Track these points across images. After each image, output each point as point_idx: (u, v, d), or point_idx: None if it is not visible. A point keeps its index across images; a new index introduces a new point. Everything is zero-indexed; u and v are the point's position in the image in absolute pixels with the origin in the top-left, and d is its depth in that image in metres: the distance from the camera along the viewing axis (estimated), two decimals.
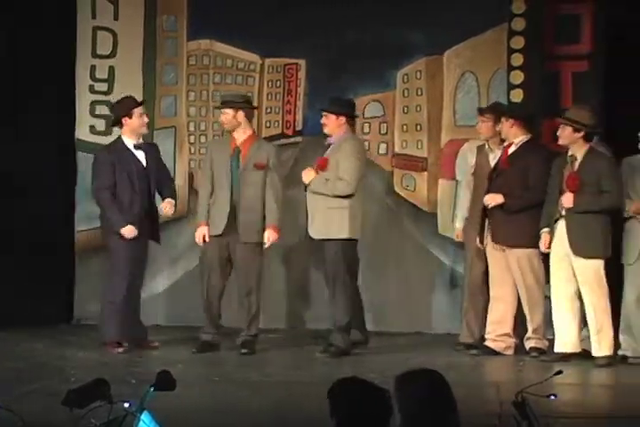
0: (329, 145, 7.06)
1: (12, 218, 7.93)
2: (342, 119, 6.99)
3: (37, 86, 8.09)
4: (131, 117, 7.09)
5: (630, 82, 7.31)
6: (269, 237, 7.01)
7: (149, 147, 7.28)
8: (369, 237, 8.06)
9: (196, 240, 7.09)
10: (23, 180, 7.96)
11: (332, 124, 6.99)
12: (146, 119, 7.19)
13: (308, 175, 7.00)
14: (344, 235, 6.90)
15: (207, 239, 7.03)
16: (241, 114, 7.11)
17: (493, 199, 6.97)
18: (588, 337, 6.83)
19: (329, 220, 6.90)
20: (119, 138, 7.22)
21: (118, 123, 7.20)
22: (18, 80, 8.05)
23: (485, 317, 7.16)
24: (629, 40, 7.43)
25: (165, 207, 7.13)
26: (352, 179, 6.91)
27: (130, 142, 7.15)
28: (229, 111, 7.11)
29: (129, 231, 6.97)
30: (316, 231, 6.96)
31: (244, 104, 7.19)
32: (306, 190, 7.07)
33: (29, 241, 8.05)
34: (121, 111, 7.13)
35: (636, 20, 7.44)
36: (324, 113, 7.05)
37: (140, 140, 7.20)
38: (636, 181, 6.86)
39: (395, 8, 8.04)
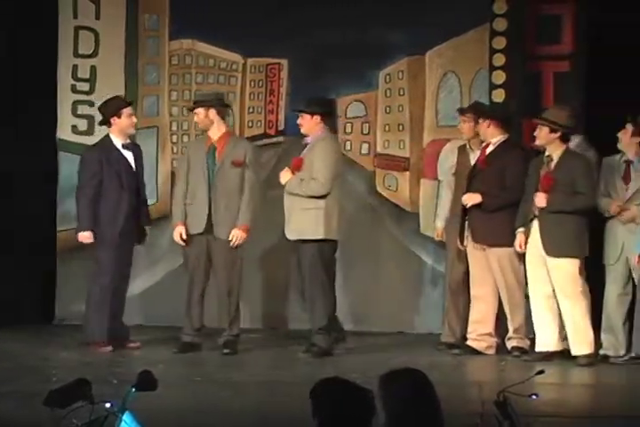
0: (306, 145, 7.05)
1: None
2: (317, 118, 6.98)
3: (37, 85, 8.10)
4: (120, 117, 7.10)
5: (611, 82, 7.34)
6: (236, 236, 6.99)
7: (135, 148, 7.28)
8: (351, 236, 8.06)
9: (176, 240, 7.08)
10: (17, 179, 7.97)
11: (308, 123, 6.98)
12: (134, 119, 7.20)
13: (284, 176, 6.99)
14: (319, 236, 6.88)
15: (185, 237, 7.02)
16: (212, 112, 7.10)
17: (471, 199, 6.99)
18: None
19: (304, 220, 6.88)
20: (107, 137, 7.21)
21: (107, 122, 7.19)
22: (17, 80, 8.05)
23: (466, 316, 7.18)
24: (610, 40, 7.46)
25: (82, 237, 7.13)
26: (325, 179, 6.90)
27: (118, 142, 7.16)
28: (201, 111, 7.10)
29: (83, 237, 7.02)
30: (292, 232, 6.94)
31: (215, 102, 7.19)
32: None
33: (10, 241, 8.02)
34: (110, 111, 7.13)
35: (617, 20, 7.47)
36: (300, 113, 7.05)
37: (128, 140, 7.19)
38: (616, 180, 6.89)
39: (377, 8, 8.05)
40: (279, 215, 7.17)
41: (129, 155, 7.16)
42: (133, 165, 7.16)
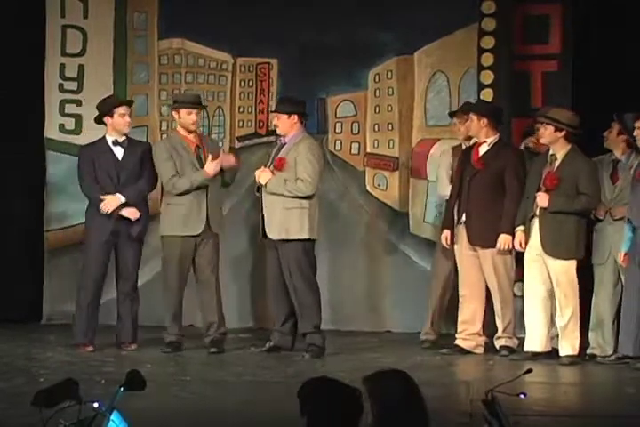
0: (282, 145, 7.01)
1: None
2: (294, 118, 6.95)
3: (24, 85, 8.11)
4: (112, 117, 7.07)
5: (599, 81, 7.36)
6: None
7: (134, 145, 7.17)
8: (341, 236, 8.08)
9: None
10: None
11: (285, 124, 6.96)
12: (127, 119, 7.11)
13: (264, 176, 6.93)
14: (304, 235, 6.86)
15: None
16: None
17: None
18: (558, 336, 6.88)
19: (288, 220, 6.86)
20: (103, 136, 7.18)
21: (101, 121, 7.17)
22: (4, 79, 8.05)
23: (450, 315, 7.18)
24: (598, 41, 7.48)
25: (105, 204, 7.00)
26: (313, 179, 6.88)
27: (110, 139, 7.13)
28: (200, 111, 7.15)
29: (106, 204, 6.95)
30: (275, 231, 6.91)
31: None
32: (258, 191, 7.01)
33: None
34: (103, 110, 7.12)
35: (605, 20, 7.49)
36: (276, 114, 7.02)
37: (123, 138, 7.12)
38: (604, 180, 6.90)
39: (366, 8, 8.06)
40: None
41: (119, 151, 7.11)
42: (119, 160, 7.08)
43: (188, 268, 7.08)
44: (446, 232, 7.10)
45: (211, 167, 6.96)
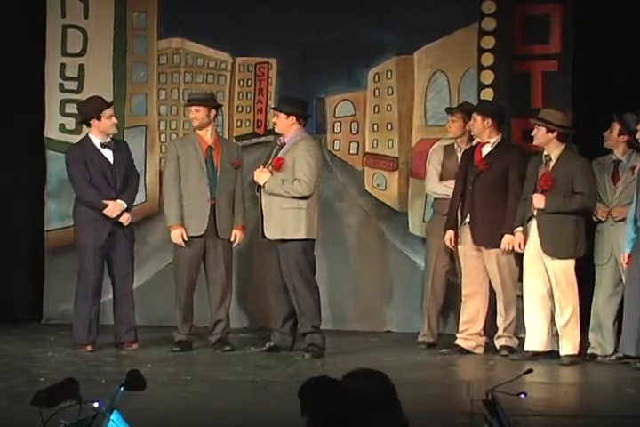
0: (282, 145, 7.01)
1: None
2: (292, 119, 6.95)
3: (24, 84, 8.11)
4: (100, 119, 7.04)
5: (598, 82, 7.36)
6: (239, 236, 7.08)
7: (119, 145, 7.21)
8: (340, 236, 8.09)
9: (177, 242, 7.03)
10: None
11: (283, 123, 6.96)
12: (114, 120, 7.11)
13: (262, 176, 6.94)
14: (301, 236, 6.86)
15: (186, 239, 7.01)
16: (213, 112, 7.15)
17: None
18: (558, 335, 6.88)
19: (285, 220, 6.86)
20: (87, 137, 7.17)
21: (86, 123, 7.15)
22: (4, 79, 8.04)
23: (447, 315, 7.18)
24: (598, 41, 7.48)
25: (110, 210, 6.99)
26: (309, 179, 6.87)
27: (97, 141, 7.10)
28: (203, 109, 7.10)
29: (111, 210, 6.95)
30: (272, 232, 6.92)
31: (215, 103, 7.24)
32: (258, 190, 7.03)
33: None
34: (89, 113, 7.08)
35: (605, 20, 7.50)
36: (275, 112, 7.03)
37: (108, 139, 7.13)
38: (605, 181, 6.91)
39: (366, 8, 8.06)
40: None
41: (108, 153, 7.10)
42: (112, 163, 7.07)
43: (197, 268, 7.10)
44: (450, 233, 7.10)
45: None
